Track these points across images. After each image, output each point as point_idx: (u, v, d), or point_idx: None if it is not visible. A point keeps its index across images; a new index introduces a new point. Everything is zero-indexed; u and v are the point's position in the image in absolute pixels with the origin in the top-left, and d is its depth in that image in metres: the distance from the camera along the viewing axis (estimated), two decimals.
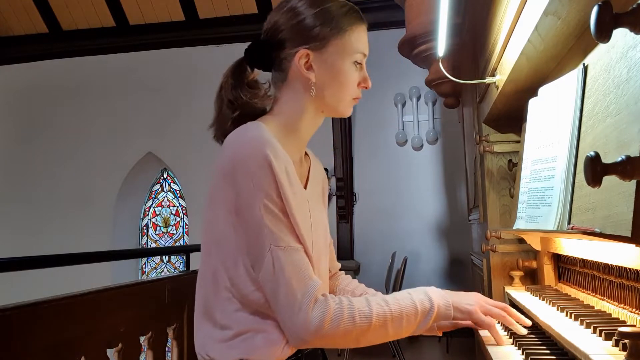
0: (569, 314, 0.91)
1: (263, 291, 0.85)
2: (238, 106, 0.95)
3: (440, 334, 0.96)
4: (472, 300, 0.92)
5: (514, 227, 1.27)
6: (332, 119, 5.13)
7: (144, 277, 6.03)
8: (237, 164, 0.85)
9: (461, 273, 4.95)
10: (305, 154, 1.07)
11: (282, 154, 0.87)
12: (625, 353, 0.59)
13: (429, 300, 0.89)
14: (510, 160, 1.71)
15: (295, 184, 0.90)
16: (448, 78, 1.74)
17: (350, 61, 0.95)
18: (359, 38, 0.96)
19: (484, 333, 0.97)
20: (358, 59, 0.95)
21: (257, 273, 0.85)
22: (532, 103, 1.29)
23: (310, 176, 1.04)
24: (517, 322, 0.94)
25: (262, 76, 1.02)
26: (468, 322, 0.94)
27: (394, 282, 4.17)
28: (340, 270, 1.21)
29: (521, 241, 1.66)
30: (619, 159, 0.55)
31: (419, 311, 0.87)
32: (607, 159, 0.56)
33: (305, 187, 0.99)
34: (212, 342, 0.89)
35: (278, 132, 0.92)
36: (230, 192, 0.85)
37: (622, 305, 0.88)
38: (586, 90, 0.97)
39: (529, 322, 0.94)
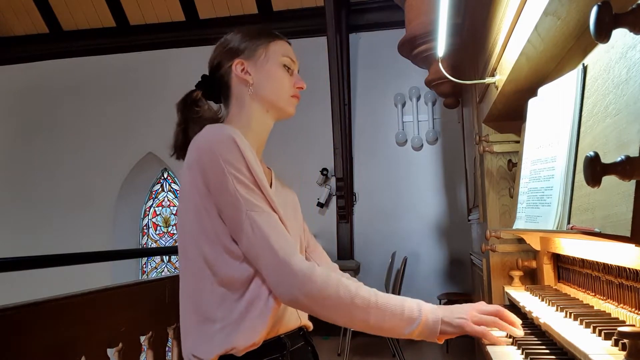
0: (568, 313, 0.92)
1: (242, 262, 0.90)
2: (185, 121, 1.09)
3: (441, 342, 0.95)
4: (464, 313, 0.91)
5: (514, 227, 1.27)
6: (332, 119, 5.14)
7: (144, 277, 6.04)
8: (202, 151, 0.91)
9: (461, 273, 4.95)
10: (268, 168, 1.14)
11: (244, 139, 0.94)
12: (624, 353, 0.60)
13: (418, 310, 0.89)
14: (509, 160, 1.71)
15: (261, 168, 0.95)
16: (448, 78, 1.74)
17: (279, 64, 1.07)
18: (283, 46, 1.10)
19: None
20: (286, 62, 1.08)
21: (240, 243, 0.89)
22: (532, 103, 1.29)
23: (273, 183, 1.10)
24: (511, 325, 0.93)
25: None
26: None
27: (394, 282, 4.17)
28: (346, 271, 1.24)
29: (521, 241, 1.66)
30: (619, 159, 0.55)
31: (405, 316, 0.88)
32: (606, 159, 0.56)
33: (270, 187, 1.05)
34: (200, 340, 0.92)
35: None
36: (199, 178, 0.91)
37: (621, 305, 0.88)
38: (586, 91, 0.97)
39: (521, 333, 0.93)
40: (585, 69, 0.98)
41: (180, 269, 0.98)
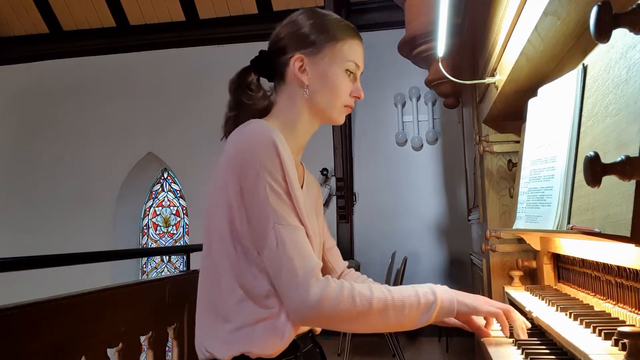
0: (568, 313, 0.92)
1: (265, 272, 0.87)
2: (237, 107, 1.02)
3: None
4: (476, 298, 0.94)
5: (514, 227, 1.27)
6: None
7: (144, 277, 6.04)
8: (242, 150, 0.88)
9: (461, 273, 4.95)
10: (301, 163, 1.10)
11: (285, 143, 0.91)
12: (624, 353, 0.60)
13: (432, 293, 0.89)
14: (509, 160, 1.71)
15: (296, 176, 0.92)
16: (448, 78, 1.74)
17: (342, 69, 1.00)
18: (352, 47, 1.01)
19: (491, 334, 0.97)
20: (350, 67, 1.00)
21: (261, 252, 0.87)
22: (532, 103, 1.29)
23: (304, 182, 1.07)
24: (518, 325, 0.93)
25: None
26: (465, 327, 0.95)
27: (394, 282, 4.17)
28: (348, 268, 1.24)
29: (521, 241, 1.66)
30: (619, 159, 0.55)
31: (422, 302, 0.88)
32: (606, 159, 0.56)
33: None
34: (213, 337, 0.90)
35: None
36: (235, 175, 0.88)
37: (621, 305, 0.88)
38: (586, 91, 0.97)
39: (524, 336, 0.93)
40: (585, 69, 0.98)
41: (201, 262, 0.95)
